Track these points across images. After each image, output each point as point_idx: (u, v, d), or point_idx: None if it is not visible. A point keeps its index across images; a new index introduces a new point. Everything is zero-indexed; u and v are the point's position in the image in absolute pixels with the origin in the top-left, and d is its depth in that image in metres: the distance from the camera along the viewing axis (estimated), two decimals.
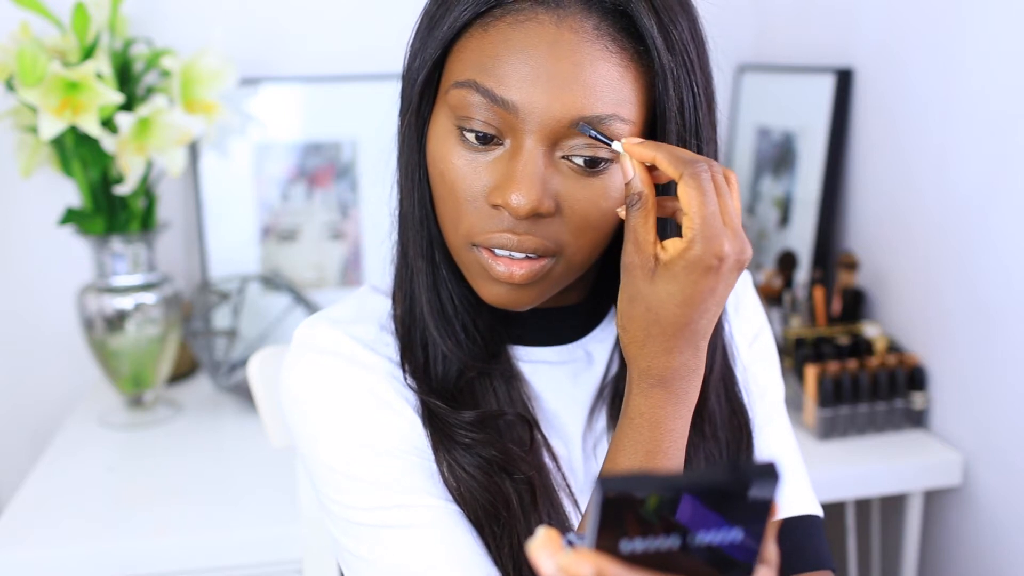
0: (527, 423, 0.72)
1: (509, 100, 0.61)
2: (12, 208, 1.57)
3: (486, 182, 0.64)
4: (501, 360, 0.74)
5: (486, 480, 0.68)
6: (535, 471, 0.70)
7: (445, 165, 0.65)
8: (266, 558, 1.12)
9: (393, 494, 0.68)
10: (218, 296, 1.53)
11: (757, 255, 1.69)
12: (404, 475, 0.68)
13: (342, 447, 0.69)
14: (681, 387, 0.62)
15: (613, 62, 0.62)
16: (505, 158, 0.64)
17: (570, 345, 0.77)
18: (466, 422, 0.70)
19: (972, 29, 1.23)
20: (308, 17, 1.63)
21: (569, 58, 0.61)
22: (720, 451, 0.75)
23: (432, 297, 0.72)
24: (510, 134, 0.63)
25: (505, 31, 0.62)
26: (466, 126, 0.64)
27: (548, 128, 0.62)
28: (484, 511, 0.68)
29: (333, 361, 0.71)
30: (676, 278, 0.59)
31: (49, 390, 1.63)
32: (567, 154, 0.63)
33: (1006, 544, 1.22)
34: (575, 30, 0.61)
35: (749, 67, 1.76)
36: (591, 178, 0.64)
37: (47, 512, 1.17)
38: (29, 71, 1.24)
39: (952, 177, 1.28)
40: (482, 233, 0.65)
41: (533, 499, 0.69)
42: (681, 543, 0.44)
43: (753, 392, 0.80)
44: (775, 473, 0.43)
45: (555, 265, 0.66)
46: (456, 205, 0.65)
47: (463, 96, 0.63)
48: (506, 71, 0.62)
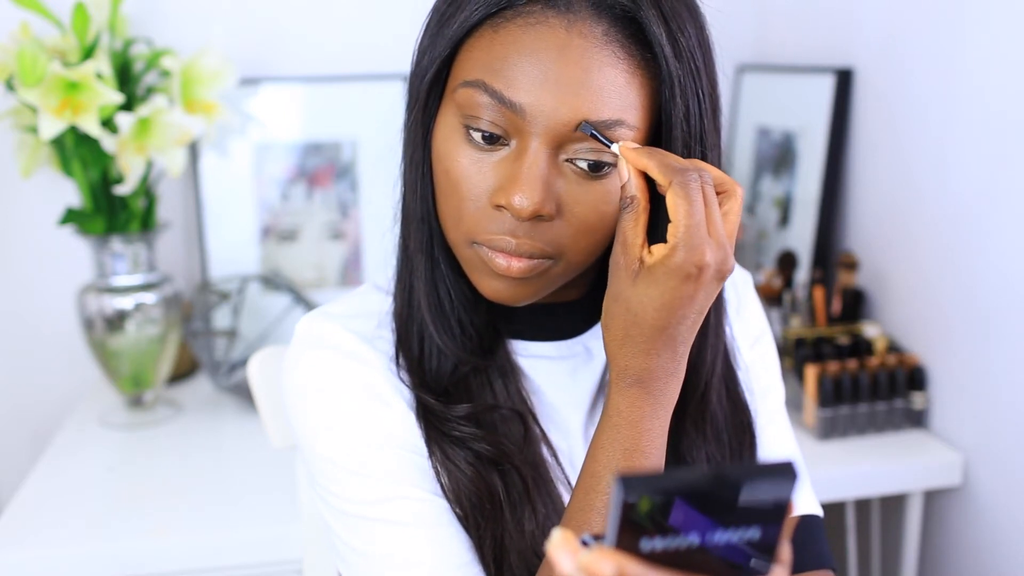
0: (521, 417, 0.72)
1: (517, 102, 0.62)
2: (12, 208, 1.57)
3: (490, 182, 0.65)
4: (497, 356, 0.74)
5: (474, 474, 0.69)
6: (527, 465, 0.71)
7: (450, 163, 0.66)
8: (266, 558, 1.12)
9: (385, 488, 0.69)
10: (218, 296, 1.53)
11: (757, 255, 1.70)
12: (397, 470, 0.70)
13: (339, 441, 0.70)
14: (658, 388, 0.63)
15: (621, 68, 0.62)
16: (510, 159, 0.64)
17: (570, 340, 0.77)
18: (459, 416, 0.71)
19: (972, 29, 1.23)
20: (308, 17, 1.63)
21: (578, 63, 0.61)
22: (723, 452, 0.76)
23: (430, 291, 0.72)
24: (516, 135, 0.64)
25: (515, 33, 0.63)
26: (473, 125, 0.64)
27: (554, 131, 0.62)
28: (471, 503, 0.69)
29: (331, 356, 0.73)
30: (656, 282, 0.60)
31: (49, 390, 1.63)
32: (571, 157, 0.64)
33: (1006, 544, 1.22)
34: (584, 35, 0.62)
35: (749, 67, 1.76)
36: (594, 182, 0.64)
37: (47, 512, 1.17)
38: (29, 71, 1.24)
39: (952, 177, 1.28)
40: (483, 233, 0.65)
41: (525, 493, 0.70)
42: (700, 542, 0.44)
43: (754, 393, 0.80)
44: (792, 472, 0.43)
45: (553, 266, 0.67)
46: (459, 203, 0.66)
47: (471, 95, 0.64)
48: (515, 73, 0.62)
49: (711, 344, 0.73)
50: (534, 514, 0.70)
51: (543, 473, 0.72)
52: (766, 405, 0.81)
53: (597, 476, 0.63)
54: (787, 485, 0.43)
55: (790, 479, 0.43)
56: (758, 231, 1.70)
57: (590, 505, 0.63)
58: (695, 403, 0.74)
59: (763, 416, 0.80)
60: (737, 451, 0.77)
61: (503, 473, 0.70)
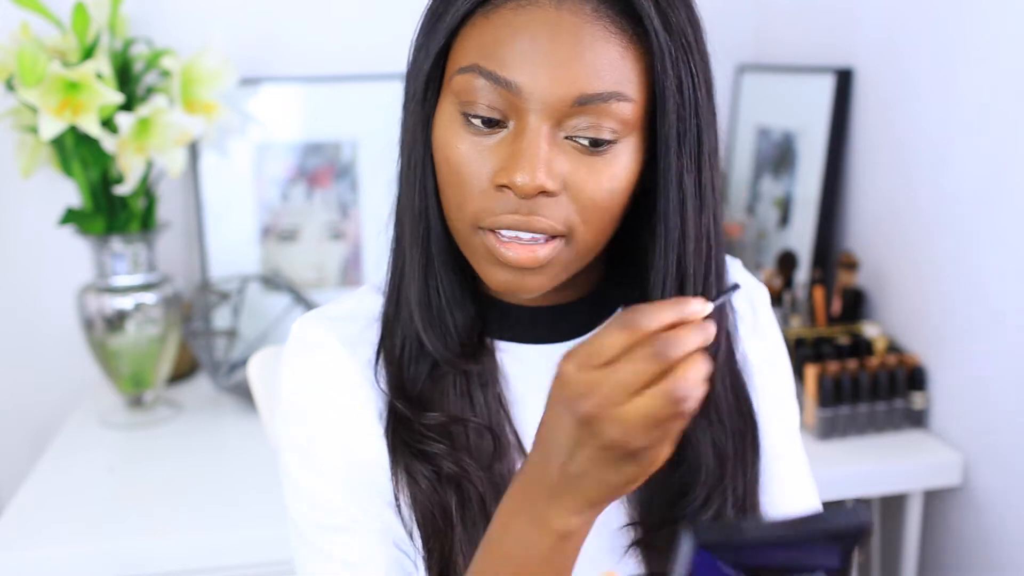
0: (491, 432, 0.72)
1: (512, 81, 0.62)
2: (12, 208, 1.57)
3: (491, 164, 0.65)
4: (481, 362, 0.74)
5: (429, 489, 0.70)
6: (488, 484, 0.71)
7: (450, 150, 0.66)
8: (266, 558, 1.12)
9: (337, 518, 0.71)
10: (218, 296, 1.53)
11: (757, 255, 1.69)
12: (352, 497, 0.71)
13: (303, 461, 0.72)
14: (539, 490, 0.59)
15: (613, 42, 0.63)
16: (509, 140, 0.64)
17: (559, 345, 0.76)
18: (428, 426, 0.71)
19: (972, 29, 1.23)
20: (308, 17, 1.63)
21: (569, 39, 0.62)
22: (726, 437, 0.75)
23: (421, 287, 0.72)
24: (514, 115, 0.64)
25: (507, 16, 0.63)
26: (470, 111, 0.65)
27: (551, 107, 0.63)
28: (424, 519, 0.70)
29: (310, 366, 0.74)
30: None
31: (49, 390, 1.62)
32: (571, 134, 0.64)
33: (1006, 544, 1.22)
34: (575, 12, 0.63)
35: (749, 67, 1.76)
36: (595, 157, 0.64)
37: (47, 512, 1.17)
38: (29, 71, 1.24)
39: (952, 177, 1.28)
40: (489, 216, 0.65)
41: (482, 510, 0.70)
42: None
43: (766, 413, 0.79)
44: (862, 522, 0.43)
45: (564, 248, 0.66)
46: (461, 190, 0.66)
47: (467, 81, 0.64)
48: (508, 53, 0.63)
49: (717, 324, 0.72)
50: None
51: (504, 490, 0.71)
52: (780, 428, 0.80)
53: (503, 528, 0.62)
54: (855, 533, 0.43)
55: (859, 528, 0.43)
56: (758, 231, 1.70)
57: None
58: None
59: (777, 439, 0.80)
60: (740, 442, 0.76)
61: (460, 490, 0.70)
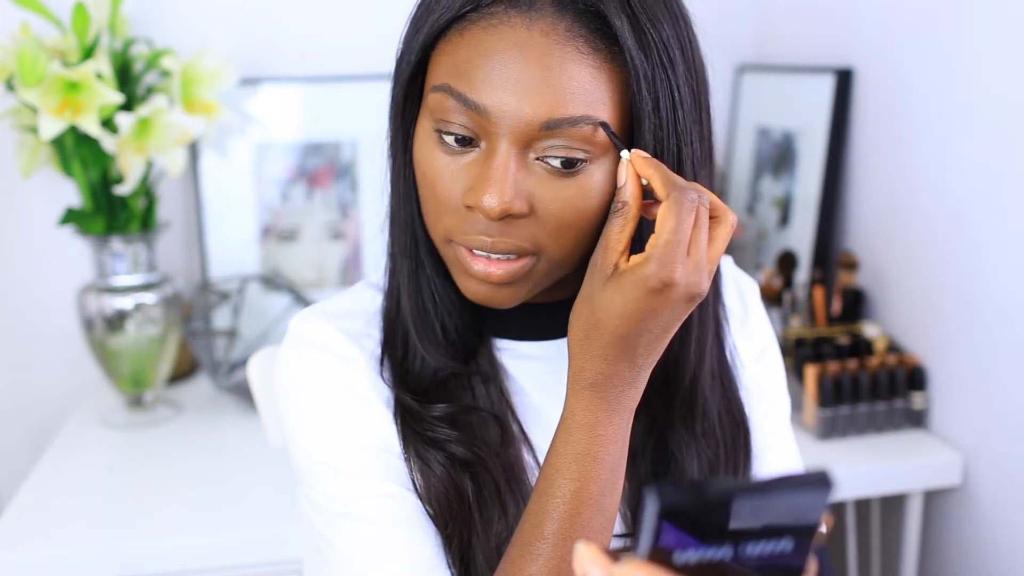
0: (498, 420, 0.73)
1: (480, 104, 0.62)
2: (12, 208, 1.57)
3: (461, 184, 0.65)
4: (480, 359, 0.75)
5: (445, 475, 0.70)
6: (501, 468, 0.71)
7: (427, 166, 0.67)
8: (266, 558, 1.12)
9: (363, 485, 0.70)
10: (218, 296, 1.53)
11: (757, 255, 1.70)
12: (374, 468, 0.71)
13: (319, 438, 0.72)
14: (613, 395, 0.63)
15: (585, 64, 0.62)
16: (479, 161, 0.65)
17: (557, 341, 0.78)
18: (436, 417, 0.72)
19: (972, 29, 1.23)
20: (308, 17, 1.63)
21: (539, 61, 0.61)
22: (715, 449, 0.75)
23: (413, 296, 0.73)
24: (484, 137, 0.64)
25: (479, 35, 0.63)
26: (444, 129, 0.65)
27: (518, 131, 0.62)
28: (440, 503, 0.70)
29: (317, 356, 0.74)
30: (623, 290, 0.60)
31: (49, 390, 1.62)
32: (541, 156, 0.64)
33: (1006, 544, 1.22)
34: (546, 33, 0.62)
35: (749, 67, 1.76)
36: (567, 179, 0.64)
37: (47, 512, 1.17)
38: (29, 71, 1.24)
39: (952, 177, 1.28)
40: (460, 234, 0.66)
41: (497, 495, 0.70)
42: (733, 554, 0.43)
43: (757, 407, 0.80)
44: (827, 483, 0.43)
45: (536, 264, 0.67)
46: (436, 206, 0.67)
47: (440, 100, 0.64)
48: (478, 75, 0.62)
49: (694, 338, 0.73)
50: (504, 516, 0.70)
51: (517, 475, 0.72)
52: (770, 420, 0.81)
53: (549, 479, 0.64)
54: (822, 495, 0.43)
55: (823, 490, 0.43)
56: (758, 231, 1.70)
57: (543, 508, 0.63)
58: (681, 399, 0.74)
59: (767, 432, 0.80)
60: (731, 449, 0.76)
61: (475, 475, 0.71)
